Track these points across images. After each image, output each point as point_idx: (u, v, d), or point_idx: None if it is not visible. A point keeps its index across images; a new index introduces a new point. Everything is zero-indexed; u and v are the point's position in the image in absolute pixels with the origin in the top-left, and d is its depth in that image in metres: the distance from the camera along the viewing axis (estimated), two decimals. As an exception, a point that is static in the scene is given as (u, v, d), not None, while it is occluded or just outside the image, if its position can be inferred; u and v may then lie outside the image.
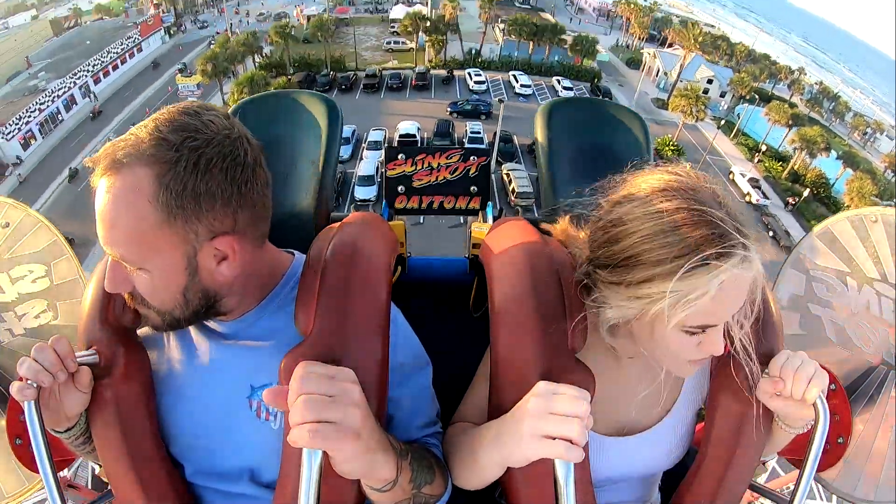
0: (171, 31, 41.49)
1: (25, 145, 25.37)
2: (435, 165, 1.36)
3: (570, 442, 0.61)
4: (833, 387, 1.01)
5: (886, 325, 1.08)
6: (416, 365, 0.84)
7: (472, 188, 1.38)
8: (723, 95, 34.23)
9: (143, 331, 0.81)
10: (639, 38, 42.58)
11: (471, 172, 1.37)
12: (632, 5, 43.18)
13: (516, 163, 22.80)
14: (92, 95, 30.89)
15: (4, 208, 1.11)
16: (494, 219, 1.32)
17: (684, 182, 0.69)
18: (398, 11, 41.16)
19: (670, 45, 39.87)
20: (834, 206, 24.92)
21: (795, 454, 0.95)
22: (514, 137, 24.67)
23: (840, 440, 1.02)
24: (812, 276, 1.12)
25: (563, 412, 0.61)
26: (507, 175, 21.45)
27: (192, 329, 0.80)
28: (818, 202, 25.49)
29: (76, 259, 1.12)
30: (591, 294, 0.76)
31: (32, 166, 24.18)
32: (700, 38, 34.62)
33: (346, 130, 25.20)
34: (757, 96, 32.65)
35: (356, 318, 0.71)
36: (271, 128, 1.12)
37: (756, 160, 28.18)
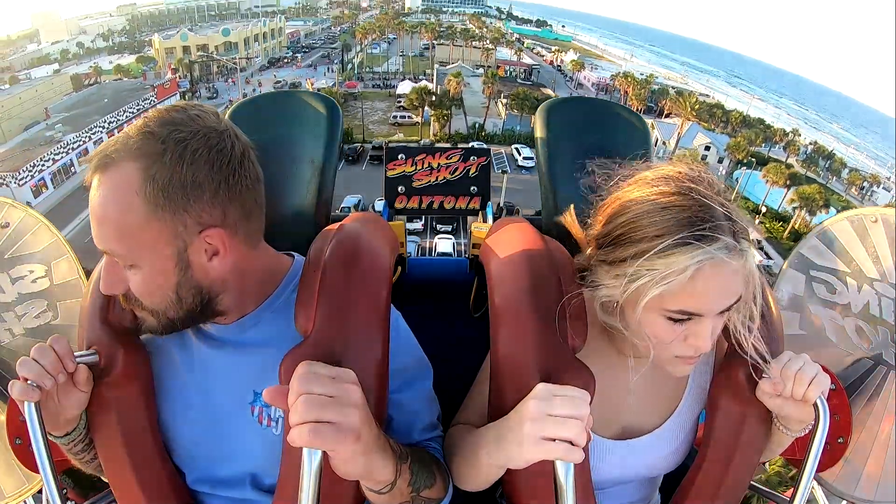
0: (186, 97, 42.36)
1: (37, 192, 26.04)
2: (435, 165, 1.36)
3: (571, 443, 0.61)
4: (833, 387, 1.01)
5: (886, 325, 1.08)
6: (417, 369, 0.83)
7: (472, 188, 1.38)
8: (720, 161, 35.00)
9: (144, 337, 0.81)
10: (636, 111, 43.06)
11: (471, 172, 1.37)
12: (629, 78, 44.60)
13: None
14: None
15: (4, 208, 1.10)
16: (494, 219, 1.32)
17: (687, 173, 0.70)
18: (405, 87, 42.22)
19: (667, 116, 41.01)
20: None
21: (795, 454, 0.95)
22: (519, 209, 24.88)
23: (840, 440, 1.02)
24: (812, 276, 1.12)
25: (563, 414, 0.61)
26: None
27: (192, 335, 0.79)
28: None
29: (76, 259, 1.12)
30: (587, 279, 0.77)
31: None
32: (696, 107, 35.66)
33: (353, 199, 25.74)
34: (754, 160, 33.40)
35: (356, 319, 0.71)
36: (271, 128, 1.12)
37: (757, 222, 28.41)
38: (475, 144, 33.65)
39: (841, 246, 1.12)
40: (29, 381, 0.64)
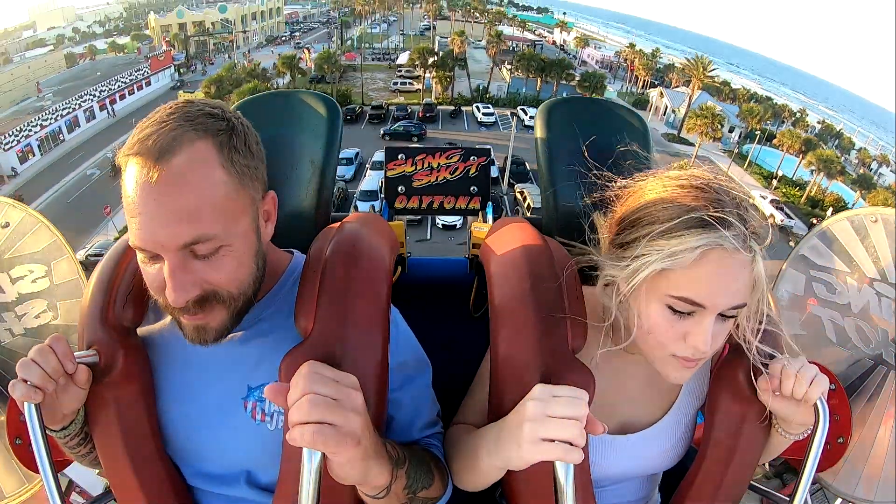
0: (181, 70, 41.97)
1: (23, 159, 25.25)
2: (435, 165, 1.36)
3: (570, 444, 0.61)
4: (833, 387, 1.01)
5: (886, 325, 1.08)
6: (416, 366, 0.84)
7: (472, 188, 1.38)
8: (731, 131, 34.57)
9: (140, 331, 0.81)
10: (643, 84, 43.19)
11: (471, 172, 1.37)
12: (635, 49, 44.39)
13: (529, 183, 23.05)
14: (110, 109, 31.15)
15: (4, 208, 1.10)
16: (494, 219, 1.32)
17: (708, 175, 0.72)
18: (405, 58, 41.54)
19: (675, 87, 40.49)
20: None
21: (795, 454, 0.95)
22: (526, 163, 24.84)
23: (840, 440, 1.02)
24: (812, 276, 1.12)
25: (562, 414, 0.61)
26: (521, 193, 21.56)
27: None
28: None
29: (76, 259, 1.12)
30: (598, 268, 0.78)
31: (25, 181, 24.18)
32: (709, 69, 34.83)
33: (350, 152, 25.28)
34: (764, 135, 33.07)
35: (356, 319, 0.71)
36: (271, 128, 1.12)
37: (773, 187, 28.43)
38: (479, 105, 33.29)
39: (841, 246, 1.12)
40: (29, 382, 0.64)
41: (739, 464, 0.78)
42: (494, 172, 24.27)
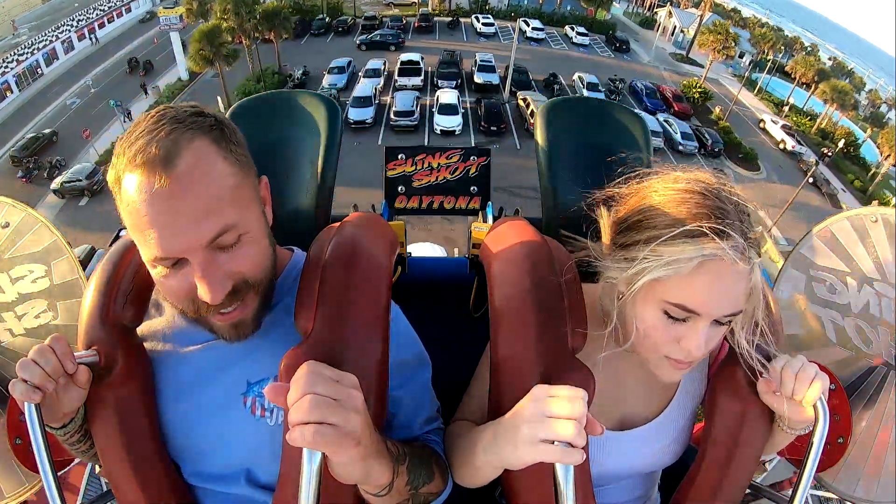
0: None
1: (0, 97, 23.95)
2: (435, 165, 1.36)
3: (569, 444, 0.60)
4: (833, 387, 1.01)
5: (886, 325, 1.08)
6: (416, 362, 0.84)
7: (472, 188, 1.38)
8: (741, 56, 33.70)
9: (140, 329, 0.81)
10: (649, 5, 41.63)
11: (471, 172, 1.37)
12: None
13: (532, 91, 22.45)
14: (94, 38, 29.53)
15: (4, 208, 1.10)
16: (494, 219, 1.32)
17: (711, 179, 0.71)
18: None
19: (684, 8, 39.08)
20: (864, 167, 24.85)
21: (795, 454, 0.95)
22: (529, 72, 24.34)
23: (840, 440, 1.02)
24: (812, 276, 1.12)
25: (560, 415, 0.61)
26: (524, 100, 20.90)
27: (185, 324, 0.79)
28: (849, 160, 25.15)
29: (76, 259, 1.12)
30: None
31: (3, 119, 22.93)
32: None
33: (342, 61, 24.61)
34: (774, 66, 32.21)
35: (356, 319, 0.71)
36: (271, 128, 1.12)
37: (784, 114, 27.78)
38: (479, 16, 32.39)
39: (841, 246, 1.12)
40: (29, 382, 0.64)
41: (739, 464, 0.78)
42: (496, 80, 23.94)
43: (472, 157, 1.37)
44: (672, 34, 36.93)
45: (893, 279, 1.08)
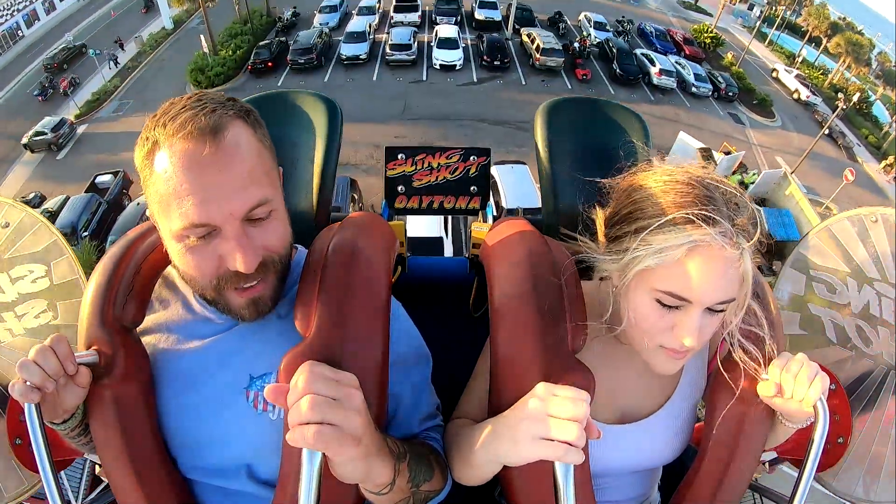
0: None
1: None
2: (435, 165, 1.36)
3: (569, 444, 0.61)
4: (833, 387, 1.01)
5: (886, 325, 1.08)
6: (416, 359, 0.84)
7: (472, 188, 1.38)
8: (750, 9, 33.24)
9: (142, 323, 0.81)
10: None
11: (471, 172, 1.37)
12: None
13: (537, 28, 21.81)
14: None
15: (4, 208, 1.11)
16: (494, 219, 1.32)
17: (699, 172, 0.72)
18: None
19: None
20: (876, 125, 24.44)
21: (795, 454, 0.95)
22: (532, 10, 23.65)
23: (840, 440, 1.02)
24: (812, 276, 1.12)
25: (562, 415, 0.61)
26: (528, 36, 20.29)
27: (190, 318, 0.79)
28: (862, 117, 24.74)
29: (76, 259, 1.12)
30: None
31: None
32: None
33: (335, 1, 23.42)
34: (783, 23, 31.37)
35: (356, 319, 0.71)
36: (271, 128, 1.12)
37: (796, 65, 27.27)
38: None
39: (841, 246, 1.12)
40: (29, 383, 0.64)
41: (739, 463, 0.78)
42: (498, 17, 23.06)
43: (472, 157, 1.37)
44: None
45: (893, 279, 1.08)
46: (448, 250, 7.15)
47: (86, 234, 11.36)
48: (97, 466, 0.89)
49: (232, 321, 0.78)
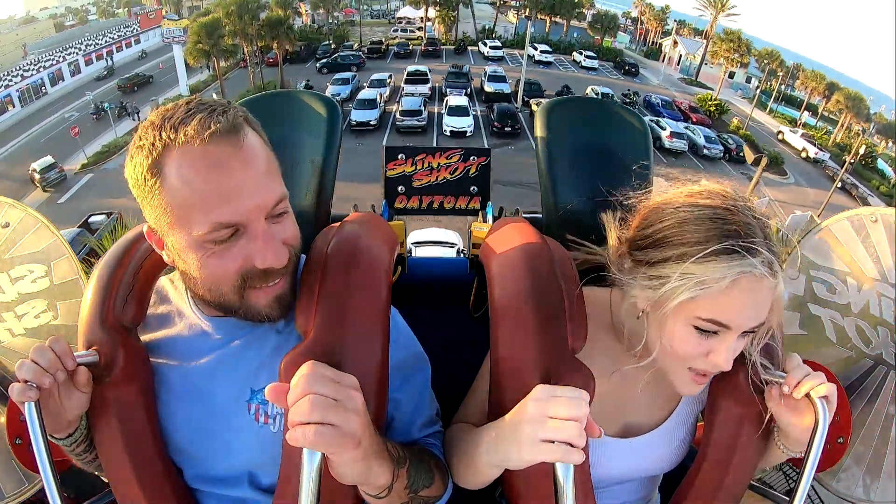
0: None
1: (2, 109, 24.20)
2: (435, 165, 1.36)
3: (570, 444, 0.61)
4: (833, 386, 1.01)
5: (886, 325, 1.08)
6: (415, 365, 0.84)
7: (472, 188, 1.38)
8: (748, 81, 34.29)
9: (145, 337, 0.80)
10: (654, 35, 42.08)
11: (471, 172, 1.37)
12: (645, 2, 43.35)
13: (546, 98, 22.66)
14: (109, 60, 29.87)
15: (4, 208, 1.11)
16: (495, 219, 1.32)
17: (730, 193, 0.71)
18: (407, 10, 40.52)
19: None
20: (883, 177, 25.38)
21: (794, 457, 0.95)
22: (540, 83, 24.57)
23: (840, 440, 1.02)
24: (812, 276, 1.12)
25: (561, 415, 0.61)
26: (538, 105, 20.94)
27: (189, 334, 0.79)
28: (869, 170, 25.70)
29: (76, 259, 1.12)
30: (617, 274, 0.77)
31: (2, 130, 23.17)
32: (725, 7, 33.66)
33: (346, 74, 24.59)
34: (780, 95, 32.72)
35: (356, 319, 0.71)
36: (271, 128, 1.11)
37: (800, 130, 28.11)
38: (486, 41, 32.38)
39: (841, 246, 1.12)
40: (28, 382, 0.64)
41: (739, 464, 0.78)
42: (507, 89, 23.90)
43: (471, 158, 1.37)
44: (678, 62, 37.45)
45: (893, 279, 1.08)
46: None
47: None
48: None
49: (230, 336, 0.78)
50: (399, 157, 1.36)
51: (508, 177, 16.23)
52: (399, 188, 1.37)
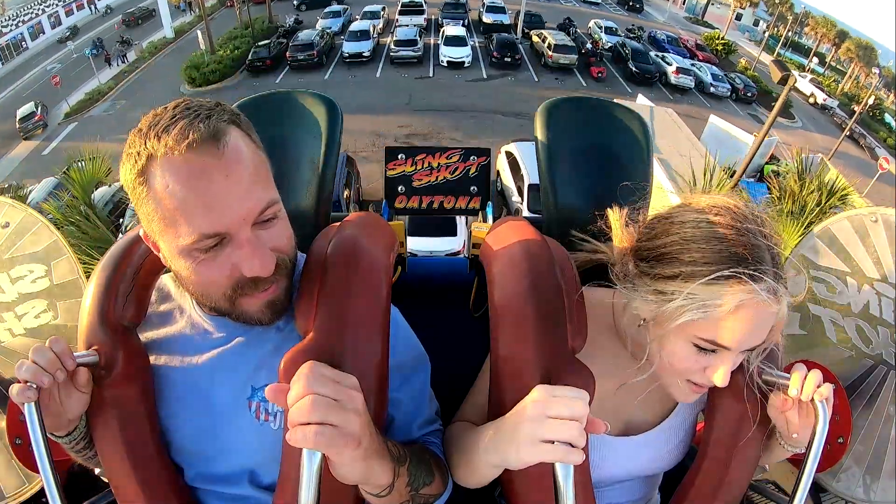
0: None
1: None
2: (435, 165, 1.36)
3: (570, 445, 0.60)
4: (833, 387, 1.01)
5: (886, 325, 1.08)
6: (415, 365, 0.84)
7: (472, 188, 1.38)
8: (756, 24, 33.65)
9: (145, 336, 0.81)
10: None
11: (471, 172, 1.37)
12: None
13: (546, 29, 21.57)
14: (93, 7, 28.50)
15: (4, 208, 1.11)
16: (495, 219, 1.32)
17: (741, 209, 0.70)
18: None
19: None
20: (890, 132, 24.81)
21: (795, 454, 0.95)
22: (542, 16, 23.78)
23: (840, 440, 1.02)
24: (812, 276, 1.12)
25: (561, 415, 0.61)
26: (539, 36, 19.97)
27: (190, 332, 0.79)
28: (877, 122, 25.20)
29: (76, 259, 1.12)
30: (621, 282, 0.77)
31: None
32: None
33: (337, 7, 23.54)
34: (787, 41, 32.05)
35: (356, 319, 0.71)
36: (271, 128, 1.12)
37: (808, 72, 27.74)
38: None
39: (841, 246, 1.12)
40: (28, 383, 0.64)
41: (739, 464, 0.78)
42: (506, 20, 22.92)
43: (472, 157, 1.37)
44: (683, 1, 36.24)
45: (893, 279, 1.08)
46: None
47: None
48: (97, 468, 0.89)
49: (232, 334, 0.78)
50: (399, 157, 1.36)
51: (508, 108, 15.80)
52: (399, 188, 1.37)
